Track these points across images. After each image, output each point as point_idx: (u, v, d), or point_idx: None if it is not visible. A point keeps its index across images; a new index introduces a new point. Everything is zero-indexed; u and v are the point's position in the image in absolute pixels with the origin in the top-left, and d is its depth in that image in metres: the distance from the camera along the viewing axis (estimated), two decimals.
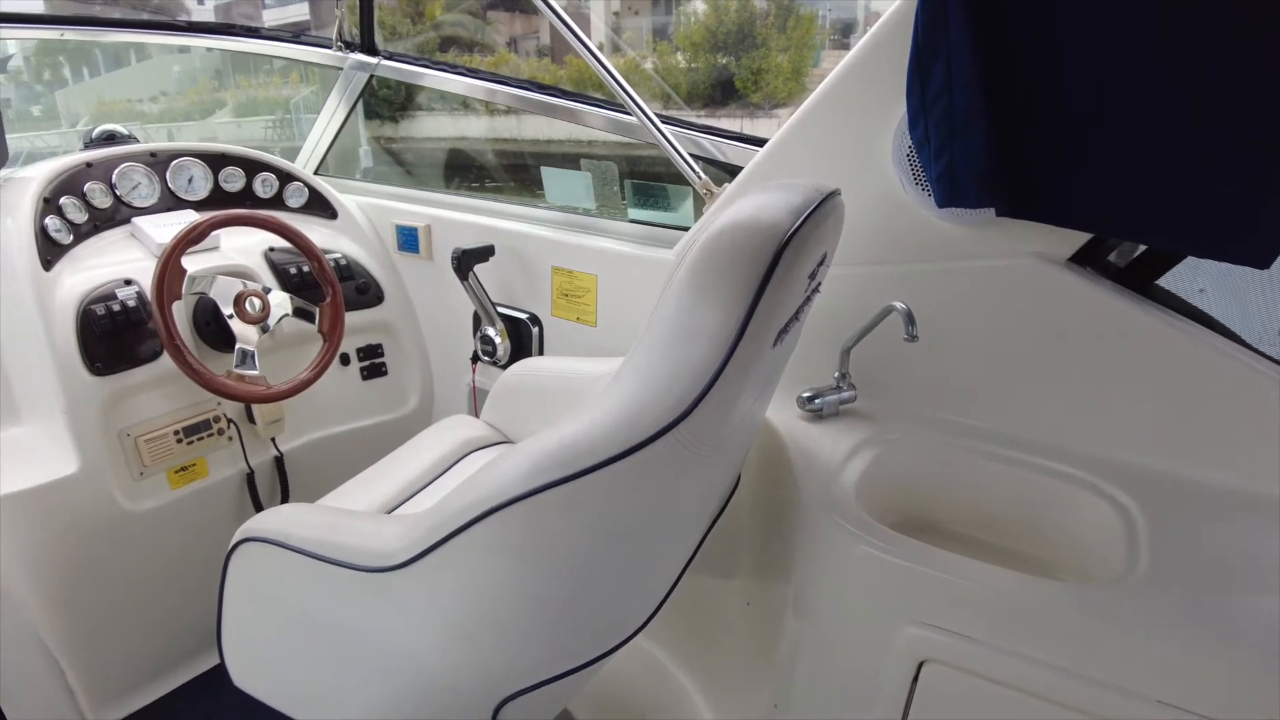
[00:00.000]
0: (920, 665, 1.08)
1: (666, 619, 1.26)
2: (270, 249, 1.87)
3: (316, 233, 1.99)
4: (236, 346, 1.63)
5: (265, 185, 2.02)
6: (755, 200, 0.86)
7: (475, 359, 2.02)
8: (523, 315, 1.96)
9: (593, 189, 1.91)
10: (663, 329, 0.81)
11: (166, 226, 1.73)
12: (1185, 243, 1.12)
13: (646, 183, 1.82)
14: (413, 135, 3.21)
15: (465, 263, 1.83)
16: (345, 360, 2.04)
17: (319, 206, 2.12)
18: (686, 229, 1.68)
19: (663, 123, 1.65)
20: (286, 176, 2.07)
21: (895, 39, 1.23)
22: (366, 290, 2.06)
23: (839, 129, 1.38)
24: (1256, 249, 1.04)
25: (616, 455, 0.77)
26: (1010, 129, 1.14)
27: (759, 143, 1.60)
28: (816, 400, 1.43)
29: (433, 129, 3.54)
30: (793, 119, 1.43)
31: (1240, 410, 1.17)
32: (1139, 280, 1.26)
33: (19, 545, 1.47)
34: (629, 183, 1.85)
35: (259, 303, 1.66)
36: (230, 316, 1.64)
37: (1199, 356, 1.18)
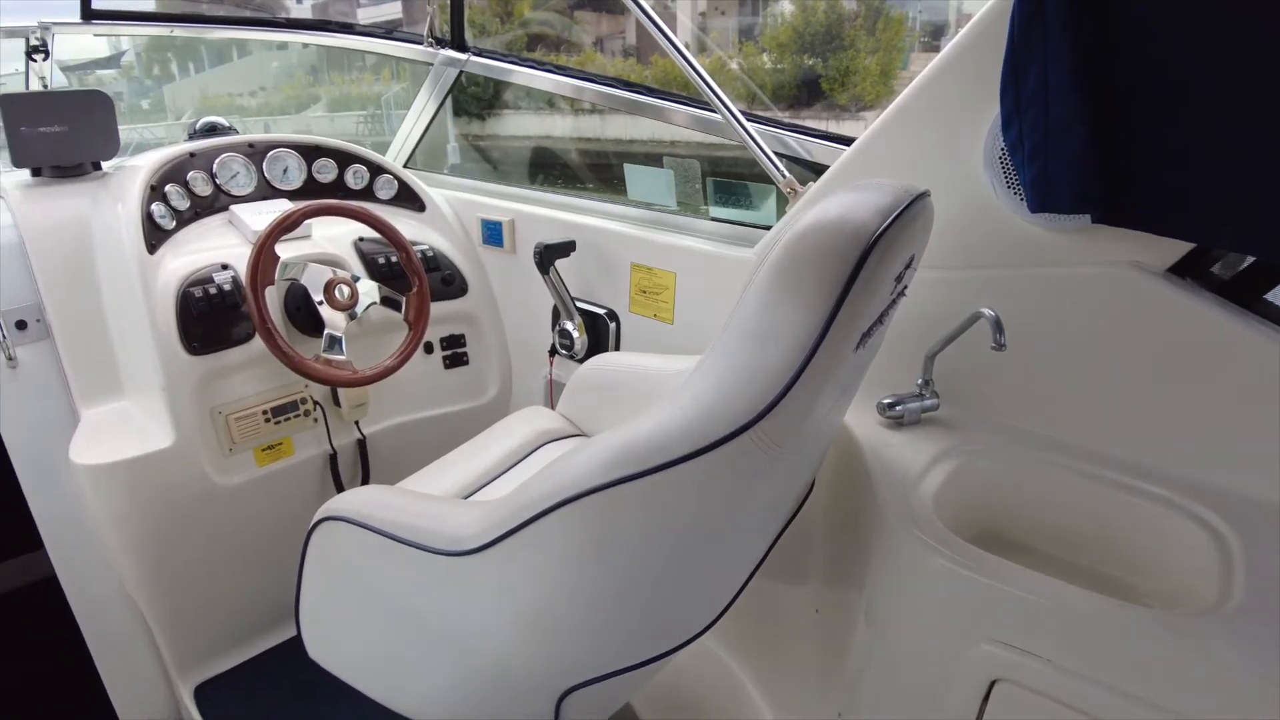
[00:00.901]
0: (992, 684, 1.04)
1: (733, 621, 1.25)
2: (360, 239, 1.93)
3: (405, 224, 2.05)
4: (325, 332, 1.68)
5: (357, 177, 2.09)
6: (842, 199, 0.84)
7: (553, 352, 2.04)
8: (601, 310, 1.97)
9: (675, 186, 1.90)
10: (742, 328, 0.80)
11: (262, 214, 1.80)
12: None
13: (728, 181, 1.81)
14: (498, 132, 3.27)
15: (547, 257, 1.85)
16: (429, 349, 2.09)
17: (408, 199, 2.18)
18: (768, 228, 1.67)
19: (748, 120, 1.64)
20: (377, 169, 2.13)
21: (989, 38, 1.19)
22: (451, 281, 2.11)
23: (929, 129, 1.34)
24: None
25: (690, 453, 0.76)
26: (1109, 132, 1.09)
27: (846, 141, 1.57)
28: (897, 407, 1.39)
29: (518, 126, 3.59)
30: (882, 118, 1.39)
31: None
32: (1245, 294, 1.18)
33: (117, 511, 1.56)
34: (711, 181, 1.84)
35: (348, 290, 1.71)
36: (320, 303, 1.69)
37: None
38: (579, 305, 1.98)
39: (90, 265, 1.67)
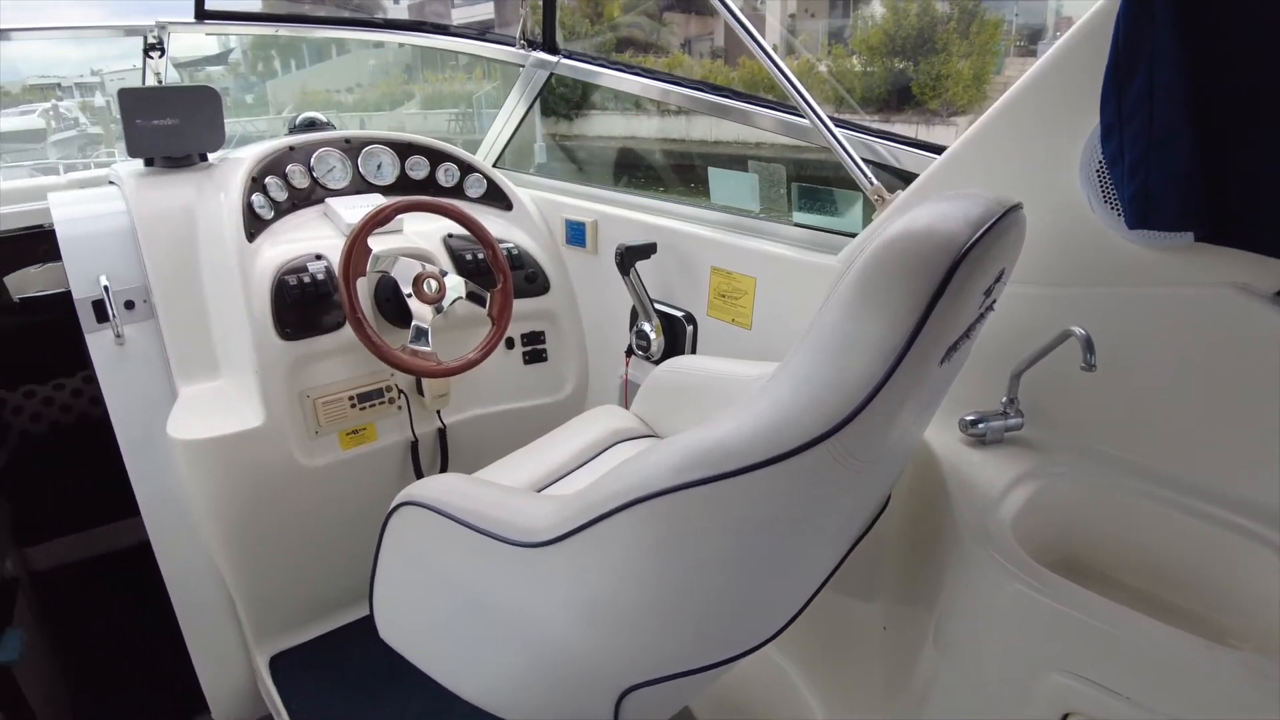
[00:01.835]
0: (1065, 718, 1.01)
1: (799, 632, 1.23)
2: (449, 235, 1.98)
3: (492, 222, 2.09)
4: (412, 323, 1.73)
5: (447, 174, 2.15)
6: (932, 209, 0.83)
7: (629, 352, 2.06)
8: (678, 313, 1.98)
9: (758, 190, 1.89)
10: (824, 336, 0.79)
11: (356, 208, 1.87)
12: None
13: (813, 186, 1.79)
14: (585, 133, 3.31)
15: (628, 259, 1.87)
16: (510, 344, 2.13)
17: (496, 198, 2.23)
18: (853, 235, 1.64)
19: (835, 125, 1.61)
20: (467, 167, 2.18)
21: (1090, 45, 1.14)
22: (534, 280, 2.14)
23: (1023, 140, 1.30)
24: None
25: (763, 461, 0.76)
26: (1218, 146, 1.04)
27: (936, 150, 1.54)
28: (980, 424, 1.36)
29: (604, 128, 3.63)
30: (974, 127, 1.36)
31: None
32: None
33: (207, 485, 1.64)
34: (795, 185, 1.82)
35: (435, 284, 1.76)
36: (408, 295, 1.74)
37: None
38: (657, 307, 1.99)
39: (194, 251, 1.76)
